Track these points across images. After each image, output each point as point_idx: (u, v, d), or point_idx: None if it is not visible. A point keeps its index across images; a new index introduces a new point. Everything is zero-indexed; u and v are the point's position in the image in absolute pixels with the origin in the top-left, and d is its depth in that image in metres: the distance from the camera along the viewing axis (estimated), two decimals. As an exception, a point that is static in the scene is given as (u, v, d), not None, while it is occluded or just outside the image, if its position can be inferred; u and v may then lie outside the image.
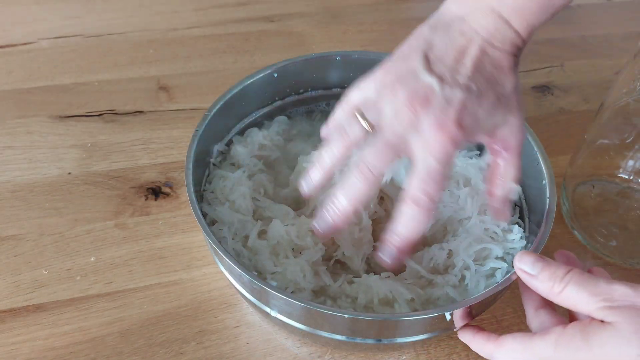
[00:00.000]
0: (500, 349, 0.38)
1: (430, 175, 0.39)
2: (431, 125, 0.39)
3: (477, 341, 0.41)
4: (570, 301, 0.36)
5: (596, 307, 0.35)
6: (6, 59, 0.71)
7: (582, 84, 0.75)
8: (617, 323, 0.34)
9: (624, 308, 0.34)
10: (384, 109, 0.41)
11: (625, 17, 0.87)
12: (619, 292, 0.35)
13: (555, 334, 0.36)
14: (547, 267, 0.37)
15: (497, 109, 0.41)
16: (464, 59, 0.40)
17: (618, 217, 0.56)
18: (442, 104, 0.39)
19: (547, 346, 0.36)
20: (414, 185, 0.40)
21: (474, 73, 0.40)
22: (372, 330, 0.42)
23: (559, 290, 0.36)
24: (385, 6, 0.85)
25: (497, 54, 0.41)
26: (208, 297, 0.51)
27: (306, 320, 0.42)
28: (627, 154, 0.53)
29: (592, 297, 0.35)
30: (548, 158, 0.48)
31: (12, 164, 0.59)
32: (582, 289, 0.35)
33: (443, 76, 0.40)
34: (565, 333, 0.35)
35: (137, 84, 0.69)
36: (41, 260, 0.52)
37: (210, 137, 0.51)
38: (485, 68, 0.41)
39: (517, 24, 0.41)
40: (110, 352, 0.47)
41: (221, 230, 0.47)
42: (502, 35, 0.41)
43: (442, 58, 0.41)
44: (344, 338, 0.42)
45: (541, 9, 0.41)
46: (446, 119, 0.39)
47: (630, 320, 0.33)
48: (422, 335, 0.43)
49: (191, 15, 0.80)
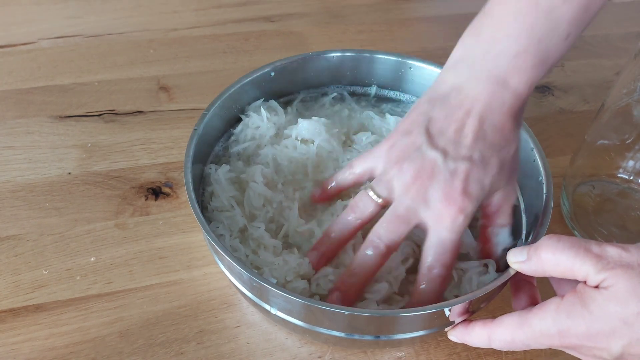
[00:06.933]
0: (497, 329, 0.38)
1: (443, 245, 0.41)
2: (439, 199, 0.41)
3: (471, 332, 0.40)
4: (566, 268, 0.36)
5: (592, 270, 0.35)
6: (6, 59, 0.71)
7: (582, 84, 0.75)
8: (613, 285, 0.34)
9: (619, 268, 0.34)
10: (393, 184, 0.42)
11: (625, 17, 0.87)
12: (611, 253, 0.35)
13: (553, 304, 0.36)
14: (535, 247, 0.38)
15: (501, 175, 0.42)
16: (464, 130, 0.41)
17: (618, 218, 0.56)
18: (447, 177, 0.41)
19: (546, 317, 0.36)
20: (428, 258, 0.42)
21: (475, 142, 0.41)
22: (371, 327, 0.42)
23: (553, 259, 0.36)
24: (385, 6, 0.85)
25: (497, 119, 0.41)
26: (208, 297, 0.51)
27: (305, 317, 0.42)
28: (627, 155, 0.53)
29: (586, 261, 0.35)
30: (545, 155, 0.48)
31: (12, 164, 0.60)
32: (575, 253, 0.36)
33: (446, 149, 0.41)
34: (564, 303, 0.36)
35: (137, 84, 0.69)
36: (41, 260, 0.52)
37: (209, 136, 0.52)
38: (487, 135, 0.41)
39: (514, 84, 0.41)
40: (110, 352, 0.47)
41: (218, 227, 0.47)
42: (501, 99, 0.41)
43: (443, 131, 0.41)
44: (343, 335, 0.42)
45: (536, 66, 0.40)
46: (452, 191, 0.40)
47: (625, 280, 0.34)
48: (421, 332, 0.43)
49: (191, 15, 0.80)
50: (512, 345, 0.38)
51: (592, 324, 0.34)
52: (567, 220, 0.58)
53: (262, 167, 0.50)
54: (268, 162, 0.52)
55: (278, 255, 0.46)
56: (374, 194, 0.43)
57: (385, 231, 0.42)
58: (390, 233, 0.42)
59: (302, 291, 0.44)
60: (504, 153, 0.42)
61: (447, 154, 0.41)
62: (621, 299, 0.33)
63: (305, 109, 0.58)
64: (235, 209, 0.48)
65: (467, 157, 0.41)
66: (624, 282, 0.34)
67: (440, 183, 0.41)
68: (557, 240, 0.37)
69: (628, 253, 0.35)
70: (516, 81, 0.41)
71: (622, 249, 0.35)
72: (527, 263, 0.38)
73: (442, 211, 0.41)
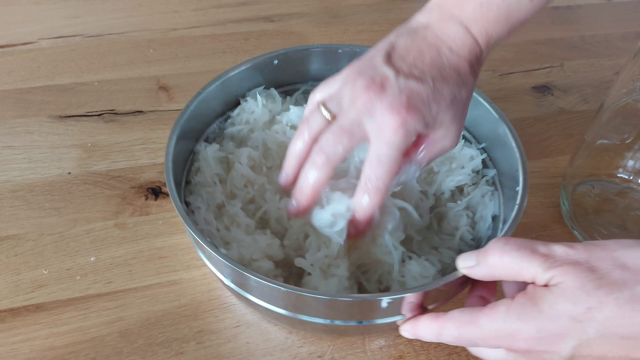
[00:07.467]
0: (447, 324, 0.38)
1: (380, 160, 0.42)
2: (383, 110, 0.41)
3: (422, 324, 0.40)
4: (514, 270, 0.36)
5: (540, 270, 0.35)
6: (6, 59, 0.71)
7: (582, 84, 0.75)
8: (561, 282, 0.34)
9: (566, 265, 0.34)
10: (343, 98, 0.43)
11: (624, 17, 0.87)
12: (558, 252, 0.35)
13: (504, 305, 0.36)
14: (483, 251, 0.38)
15: (449, 109, 0.43)
16: (423, 58, 0.43)
17: (618, 217, 0.56)
18: (396, 92, 0.41)
19: (496, 318, 0.36)
20: (365, 172, 0.43)
21: (430, 69, 0.42)
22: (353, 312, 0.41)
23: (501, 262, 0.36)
24: (385, 6, 0.85)
25: (456, 59, 0.43)
26: (208, 297, 0.51)
27: (286, 304, 0.42)
28: (626, 154, 0.53)
29: (534, 261, 0.35)
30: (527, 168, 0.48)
31: (12, 163, 0.60)
32: (522, 255, 0.35)
33: (400, 69, 0.42)
34: (514, 304, 0.35)
35: (137, 83, 0.69)
36: (41, 260, 0.52)
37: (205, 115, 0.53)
38: (444, 68, 0.43)
39: (475, 31, 0.44)
40: (110, 351, 0.47)
41: (196, 200, 0.49)
42: (462, 40, 0.43)
43: (403, 56, 0.43)
44: (327, 322, 0.42)
45: (499, 20, 0.43)
46: (398, 104, 0.41)
47: (573, 276, 0.33)
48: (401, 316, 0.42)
49: (191, 15, 0.80)
50: (460, 341, 0.38)
51: (543, 324, 0.34)
52: (567, 220, 0.58)
53: (250, 150, 0.52)
54: (258, 146, 0.53)
55: (250, 234, 0.47)
56: (324, 109, 0.44)
57: (328, 143, 0.42)
58: (333, 145, 0.42)
59: (266, 271, 0.45)
60: (456, 91, 0.43)
61: (401, 71, 0.42)
62: (570, 295, 0.33)
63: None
64: (217, 186, 0.50)
65: (420, 78, 0.42)
66: (573, 278, 0.33)
67: (388, 97, 0.41)
68: (504, 243, 0.36)
69: (574, 250, 0.35)
70: (477, 29, 0.43)
71: (568, 247, 0.35)
72: (476, 268, 0.38)
73: (384, 122, 0.41)
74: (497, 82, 0.74)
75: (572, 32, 0.83)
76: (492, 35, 0.44)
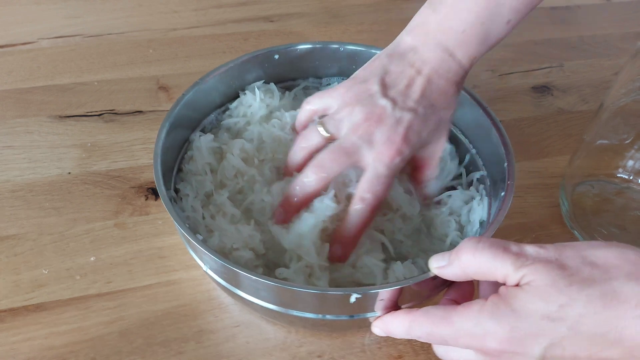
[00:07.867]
0: (420, 318, 0.38)
1: (378, 179, 0.46)
2: (382, 140, 0.46)
3: (393, 320, 0.40)
4: (486, 270, 0.36)
5: (511, 268, 0.35)
6: (6, 58, 0.71)
7: (581, 84, 0.75)
8: (533, 281, 0.34)
9: (537, 263, 0.34)
10: (342, 122, 0.47)
11: (623, 18, 0.87)
12: (529, 252, 0.35)
13: (477, 305, 0.36)
14: (456, 250, 0.38)
15: (436, 131, 0.48)
16: (413, 86, 0.47)
17: (617, 217, 0.56)
18: (393, 123, 0.46)
19: (469, 317, 0.36)
20: (363, 186, 0.46)
21: (421, 98, 0.47)
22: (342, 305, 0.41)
23: (473, 261, 0.36)
24: (385, 6, 0.85)
25: (442, 83, 0.47)
26: (207, 296, 0.51)
27: (275, 299, 0.42)
28: (626, 154, 0.53)
29: (506, 260, 0.35)
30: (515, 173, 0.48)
31: (12, 163, 0.60)
32: (494, 254, 0.36)
33: (395, 100, 0.47)
34: (487, 304, 0.35)
35: (137, 83, 0.69)
36: (41, 260, 0.52)
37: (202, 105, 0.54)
38: (432, 95, 0.47)
39: (460, 56, 0.47)
40: (109, 351, 0.47)
41: (186, 187, 0.50)
42: (448, 66, 0.47)
43: (395, 84, 0.47)
44: (319, 316, 0.42)
45: (480, 43, 0.47)
46: (395, 136, 0.46)
47: (544, 274, 0.34)
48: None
49: (191, 15, 0.80)
50: (430, 337, 0.38)
51: (516, 323, 0.34)
52: (566, 220, 0.58)
53: (244, 142, 0.52)
54: (252, 139, 0.54)
55: (234, 224, 0.47)
56: (322, 129, 0.48)
57: (328, 159, 0.46)
58: (332, 162, 0.46)
59: (246, 262, 0.45)
60: (442, 114, 0.48)
61: (396, 103, 0.46)
62: (542, 293, 0.33)
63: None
64: (208, 175, 0.51)
65: (413, 109, 0.46)
66: (544, 276, 0.34)
67: (386, 127, 0.46)
68: (476, 242, 0.37)
69: (545, 250, 0.35)
70: (461, 54, 0.47)
71: (539, 247, 0.35)
72: (447, 268, 0.38)
73: (383, 151, 0.46)
74: (496, 82, 0.74)
75: (571, 32, 0.83)
76: (475, 57, 0.47)
